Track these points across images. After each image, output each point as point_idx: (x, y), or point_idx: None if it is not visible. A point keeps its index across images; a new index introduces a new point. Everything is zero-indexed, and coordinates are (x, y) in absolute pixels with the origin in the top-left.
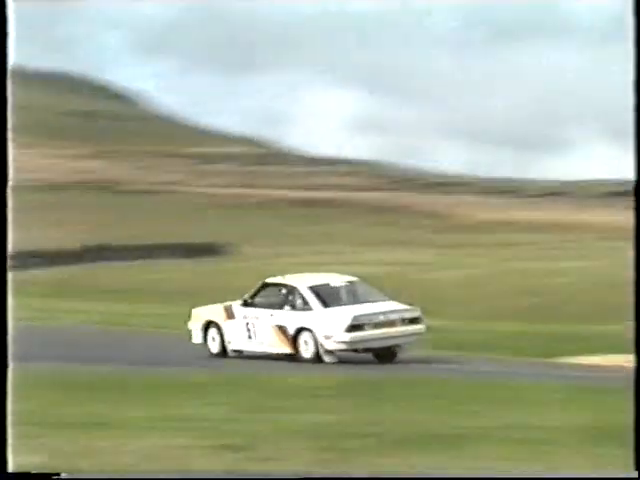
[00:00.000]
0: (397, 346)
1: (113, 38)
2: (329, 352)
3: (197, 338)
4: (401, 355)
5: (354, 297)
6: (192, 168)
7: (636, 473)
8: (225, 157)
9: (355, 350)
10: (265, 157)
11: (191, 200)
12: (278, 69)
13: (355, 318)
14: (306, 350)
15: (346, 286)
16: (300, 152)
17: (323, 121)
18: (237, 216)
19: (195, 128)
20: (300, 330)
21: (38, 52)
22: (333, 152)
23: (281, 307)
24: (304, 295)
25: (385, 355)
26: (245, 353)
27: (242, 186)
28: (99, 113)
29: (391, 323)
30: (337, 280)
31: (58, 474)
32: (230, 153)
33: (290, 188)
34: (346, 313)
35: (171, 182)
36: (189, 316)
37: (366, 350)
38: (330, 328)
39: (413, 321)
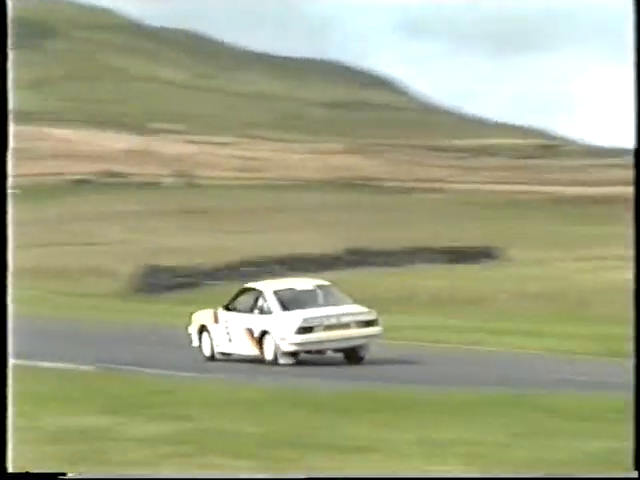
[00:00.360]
0: (359, 347)
1: (370, 21)
2: (285, 354)
3: (195, 341)
4: (367, 356)
5: (318, 301)
6: (458, 162)
7: (636, 473)
8: (494, 150)
9: (308, 352)
10: (539, 149)
11: (457, 198)
12: (553, 49)
13: (305, 320)
14: (268, 352)
15: (313, 290)
16: (579, 143)
17: (605, 107)
18: (506, 215)
19: (460, 117)
20: (263, 333)
21: (292, 39)
22: (617, 142)
23: (252, 311)
24: (267, 299)
25: (350, 356)
26: (230, 356)
27: (513, 182)
28: (355, 103)
29: (344, 325)
30: (305, 285)
31: (64, 474)
32: (499, 145)
33: (567, 184)
34: (297, 316)
35: (435, 179)
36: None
37: (318, 352)
38: (284, 330)
39: (369, 324)
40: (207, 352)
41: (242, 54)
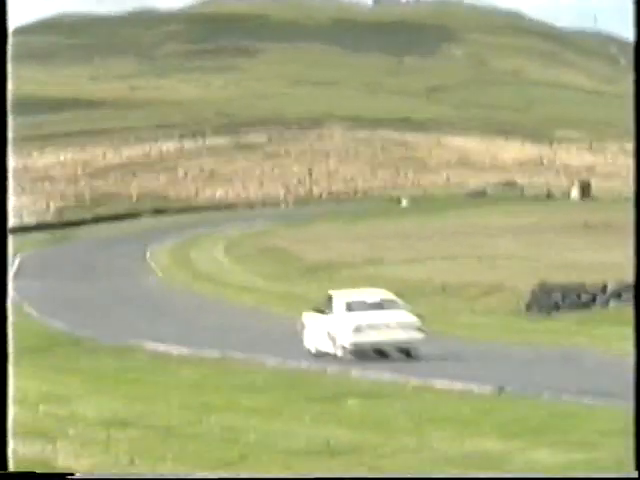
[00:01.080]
0: (409, 347)
1: None
2: (345, 349)
3: (303, 340)
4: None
5: (376, 308)
6: None
7: (636, 473)
8: None
9: (362, 349)
10: None
11: None
12: None
13: (359, 322)
14: (337, 348)
15: (377, 300)
16: None
17: None
18: None
19: None
20: (333, 332)
21: None
22: None
23: (330, 314)
24: (338, 305)
25: (406, 354)
26: (320, 352)
27: None
28: None
29: (392, 328)
30: (371, 295)
31: (72, 474)
32: None
33: None
34: (354, 318)
35: None
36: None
37: (379, 351)
38: (344, 330)
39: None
40: (310, 349)
41: None
